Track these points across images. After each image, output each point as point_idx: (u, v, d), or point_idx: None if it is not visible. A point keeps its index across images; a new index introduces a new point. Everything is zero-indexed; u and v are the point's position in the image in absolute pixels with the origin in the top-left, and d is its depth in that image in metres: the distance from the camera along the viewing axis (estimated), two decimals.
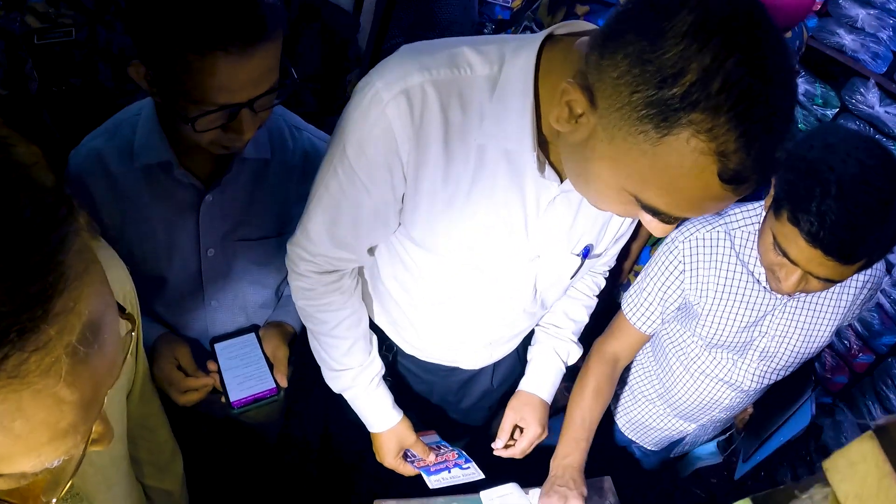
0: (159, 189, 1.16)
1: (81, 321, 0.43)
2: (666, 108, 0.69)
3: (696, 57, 0.67)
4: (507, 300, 1.17)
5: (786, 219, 1.08)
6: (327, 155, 1.01)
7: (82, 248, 0.44)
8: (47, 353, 0.41)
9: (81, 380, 0.45)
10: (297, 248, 1.11)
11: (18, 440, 0.44)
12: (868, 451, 0.40)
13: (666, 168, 0.73)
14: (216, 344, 1.28)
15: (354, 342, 1.22)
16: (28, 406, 0.43)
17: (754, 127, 0.69)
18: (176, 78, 0.94)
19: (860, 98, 2.09)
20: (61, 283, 0.41)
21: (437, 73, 0.90)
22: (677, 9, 0.69)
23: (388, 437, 1.30)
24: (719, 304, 1.34)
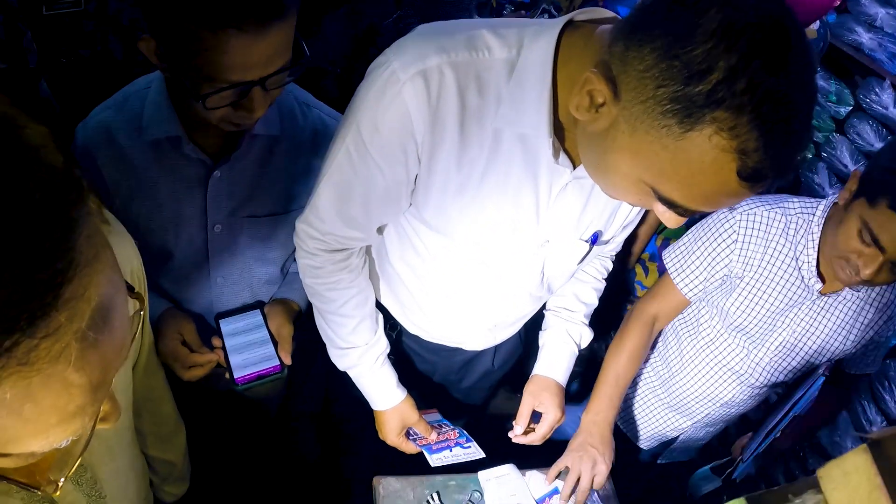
0: (167, 163, 1.17)
1: (91, 307, 0.44)
2: (691, 105, 0.70)
3: (724, 56, 0.68)
4: (514, 284, 1.18)
5: (886, 207, 1.13)
6: (339, 133, 1.01)
7: (93, 232, 0.44)
8: (57, 340, 0.42)
9: (90, 364, 0.45)
10: (306, 226, 1.12)
11: (28, 423, 0.45)
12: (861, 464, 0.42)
13: (687, 163, 0.75)
14: (221, 320, 1.29)
15: (361, 321, 1.23)
16: (37, 391, 0.43)
17: (775, 128, 0.70)
18: (188, 55, 0.94)
19: (875, 98, 2.08)
20: (72, 270, 0.41)
21: (455, 55, 0.90)
22: (706, 6, 0.70)
23: (392, 415, 1.33)
24: (756, 283, 1.37)
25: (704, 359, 1.51)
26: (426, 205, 1.04)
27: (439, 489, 1.35)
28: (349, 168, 1.01)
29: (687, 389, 1.55)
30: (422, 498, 1.33)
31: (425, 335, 1.36)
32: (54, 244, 0.41)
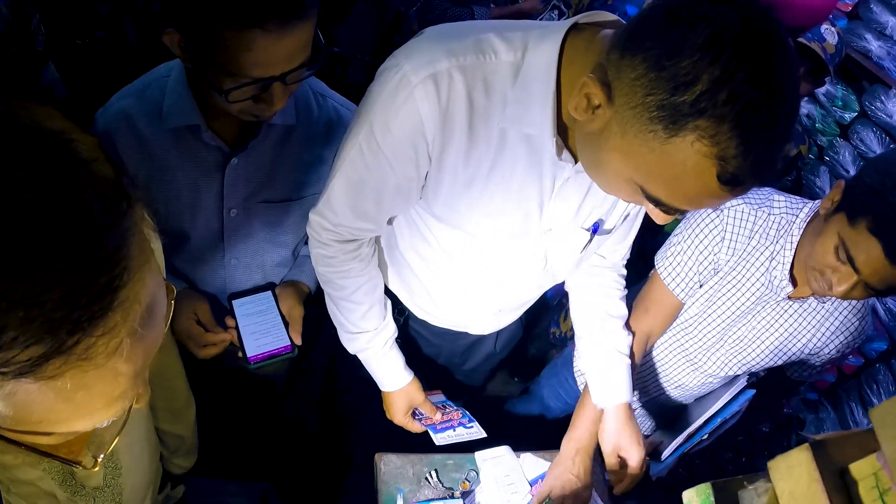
0: (186, 150, 1.23)
1: (142, 307, 0.49)
2: (676, 113, 0.76)
3: (708, 69, 0.74)
4: (519, 270, 1.24)
5: (865, 228, 1.12)
6: (352, 131, 1.07)
7: (142, 239, 0.49)
8: (113, 337, 0.46)
9: (136, 355, 0.50)
10: (319, 218, 1.18)
11: (78, 408, 0.50)
12: (803, 460, 0.49)
13: (671, 165, 0.80)
14: (234, 300, 1.36)
15: (370, 307, 1.30)
16: (91, 380, 0.48)
17: (754, 137, 0.76)
18: (212, 50, 1.00)
19: (880, 105, 2.12)
20: (126, 275, 0.46)
21: (463, 59, 0.95)
22: (695, 22, 0.75)
23: (399, 396, 1.40)
24: (731, 276, 1.40)
25: (666, 340, 1.55)
26: (436, 199, 1.10)
27: (437, 467, 1.43)
28: (362, 165, 1.06)
29: (645, 368, 1.61)
30: (420, 475, 1.41)
31: (432, 320, 1.42)
32: (110, 253, 0.45)
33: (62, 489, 0.91)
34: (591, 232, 1.18)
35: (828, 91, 2.29)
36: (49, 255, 0.42)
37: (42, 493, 0.89)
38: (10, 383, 0.44)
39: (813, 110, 2.41)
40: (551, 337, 2.28)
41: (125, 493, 1.02)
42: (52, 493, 0.90)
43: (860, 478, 0.47)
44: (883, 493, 0.46)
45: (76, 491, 0.93)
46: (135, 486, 1.06)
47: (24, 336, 0.42)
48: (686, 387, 1.60)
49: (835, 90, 2.28)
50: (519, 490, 1.41)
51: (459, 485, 1.42)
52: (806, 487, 0.48)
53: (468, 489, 1.41)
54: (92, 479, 0.94)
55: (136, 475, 1.05)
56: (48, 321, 0.42)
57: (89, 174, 0.46)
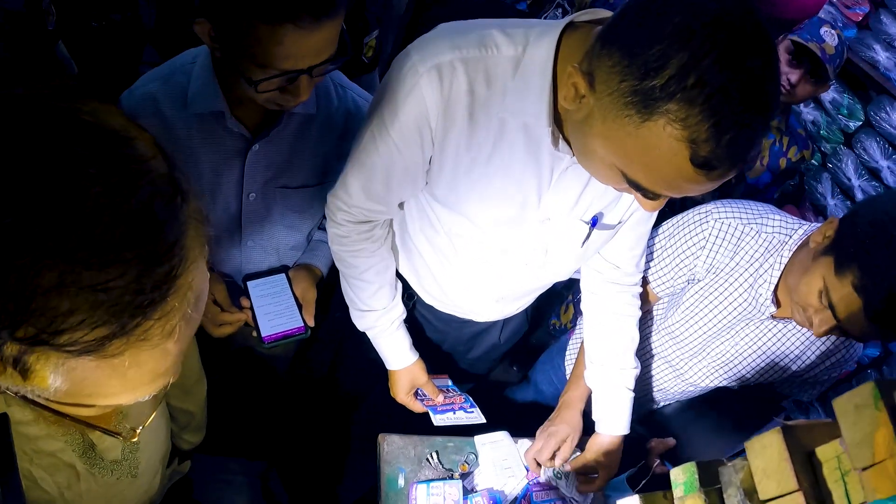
0: (209, 136, 1.29)
1: (194, 293, 0.54)
2: (647, 97, 0.82)
3: (676, 54, 0.79)
4: (518, 259, 1.31)
5: (850, 283, 1.12)
6: (366, 119, 1.17)
7: (195, 232, 0.54)
8: (169, 320, 0.52)
9: (184, 336, 0.56)
10: (335, 200, 1.28)
11: (128, 384, 0.55)
12: (775, 441, 0.56)
13: (646, 149, 0.86)
14: (249, 281, 1.44)
15: (381, 286, 1.39)
16: (144, 359, 0.53)
17: (725, 120, 0.80)
18: (244, 42, 1.06)
19: (884, 116, 2.18)
20: (182, 265, 0.51)
21: (466, 52, 1.04)
22: (667, 12, 0.81)
23: (403, 374, 1.49)
24: (714, 290, 1.43)
25: (651, 345, 1.60)
26: (439, 182, 1.18)
27: (438, 449, 1.51)
28: (373, 149, 1.16)
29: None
30: (422, 456, 1.49)
31: (439, 305, 1.51)
32: (170, 245, 0.50)
33: (82, 461, 0.95)
34: (590, 225, 1.25)
35: (834, 99, 2.35)
36: (116, 246, 0.47)
37: (62, 465, 0.94)
38: (73, 360, 0.49)
39: (818, 117, 2.47)
40: (551, 328, 2.35)
41: (141, 466, 1.07)
42: (73, 464, 0.95)
43: (825, 460, 0.55)
44: (844, 474, 0.53)
45: (95, 463, 0.98)
46: (150, 459, 1.12)
47: (91, 319, 0.47)
48: (667, 391, 1.66)
49: (841, 98, 2.34)
50: (516, 474, 1.49)
51: (459, 466, 1.50)
52: (776, 465, 0.55)
53: (467, 471, 1.50)
54: (111, 453, 0.99)
55: (151, 449, 1.12)
56: (114, 306, 0.47)
57: (148, 171, 0.51)
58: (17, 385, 0.52)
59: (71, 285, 0.46)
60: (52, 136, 0.48)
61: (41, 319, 0.46)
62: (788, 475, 0.54)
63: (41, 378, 0.50)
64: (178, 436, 1.40)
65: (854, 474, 0.52)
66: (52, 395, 0.53)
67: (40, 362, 0.49)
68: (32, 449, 0.88)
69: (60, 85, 0.52)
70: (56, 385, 0.51)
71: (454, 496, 1.40)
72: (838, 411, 0.52)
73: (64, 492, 0.96)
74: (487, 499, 1.42)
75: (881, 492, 0.47)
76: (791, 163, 2.05)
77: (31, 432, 0.86)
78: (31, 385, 0.51)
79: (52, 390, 0.52)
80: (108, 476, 1.01)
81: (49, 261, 0.45)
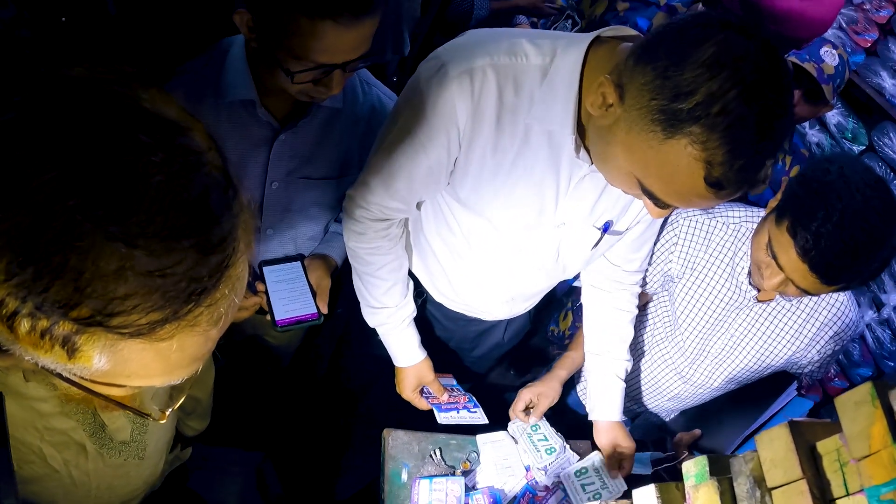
0: (239, 124, 1.37)
1: (242, 283, 0.58)
2: (674, 118, 0.92)
3: (707, 83, 0.90)
4: (532, 260, 1.40)
5: (785, 228, 1.26)
6: (392, 116, 1.25)
7: (245, 224, 0.57)
8: (217, 308, 0.55)
9: (225, 323, 0.59)
10: (356, 196, 1.35)
11: (168, 366, 0.57)
12: (783, 433, 0.66)
13: (665, 163, 0.97)
14: (264, 267, 1.51)
15: (393, 284, 1.47)
16: (189, 343, 0.55)
17: (739, 148, 0.91)
18: (283, 35, 1.14)
19: (888, 142, 2.31)
20: (234, 256, 0.54)
21: (497, 59, 1.14)
22: (702, 41, 0.91)
23: (411, 372, 1.57)
24: (697, 287, 1.56)
25: (653, 356, 1.72)
26: (462, 185, 1.27)
27: (441, 446, 1.60)
28: (398, 148, 1.23)
29: (636, 381, 1.77)
30: (425, 452, 1.58)
31: (449, 304, 1.59)
32: (224, 236, 0.53)
33: (92, 441, 0.99)
34: (602, 231, 1.35)
35: (839, 122, 2.48)
36: (175, 234, 0.50)
37: (72, 443, 0.97)
38: (123, 342, 0.52)
39: (823, 139, 2.60)
40: (549, 334, 2.44)
41: (148, 448, 1.12)
42: (83, 443, 0.98)
43: (825, 453, 0.64)
44: (843, 465, 0.63)
45: (104, 444, 1.02)
46: (157, 443, 1.17)
47: (146, 303, 0.50)
48: (680, 397, 1.75)
49: (846, 122, 2.47)
50: (515, 473, 1.58)
51: (461, 464, 1.59)
52: (783, 456, 0.65)
53: (469, 468, 1.58)
54: (120, 434, 1.04)
55: (159, 433, 1.17)
56: (168, 292, 0.50)
57: (205, 163, 0.54)
58: (59, 363, 0.54)
59: (129, 270, 0.48)
60: (116, 123, 0.51)
61: (97, 301, 0.48)
62: (794, 465, 0.64)
63: (86, 358, 0.53)
64: (184, 422, 1.46)
65: (851, 465, 0.62)
66: (90, 374, 0.55)
67: (89, 343, 0.51)
68: (44, 426, 0.92)
69: (119, 70, 0.55)
70: (99, 365, 0.54)
71: (456, 492, 1.48)
72: (839, 407, 0.61)
73: (71, 470, 1.00)
74: (488, 496, 1.50)
75: (876, 478, 0.57)
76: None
77: (45, 409, 0.90)
78: (75, 364, 0.53)
79: (93, 369, 0.54)
80: (115, 457, 1.05)
81: (110, 245, 0.48)
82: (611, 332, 1.59)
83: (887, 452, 0.57)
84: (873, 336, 2.40)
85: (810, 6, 1.35)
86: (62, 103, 0.51)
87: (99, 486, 1.07)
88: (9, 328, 0.50)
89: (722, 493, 0.71)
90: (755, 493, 0.68)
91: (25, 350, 0.52)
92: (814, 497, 0.62)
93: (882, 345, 2.35)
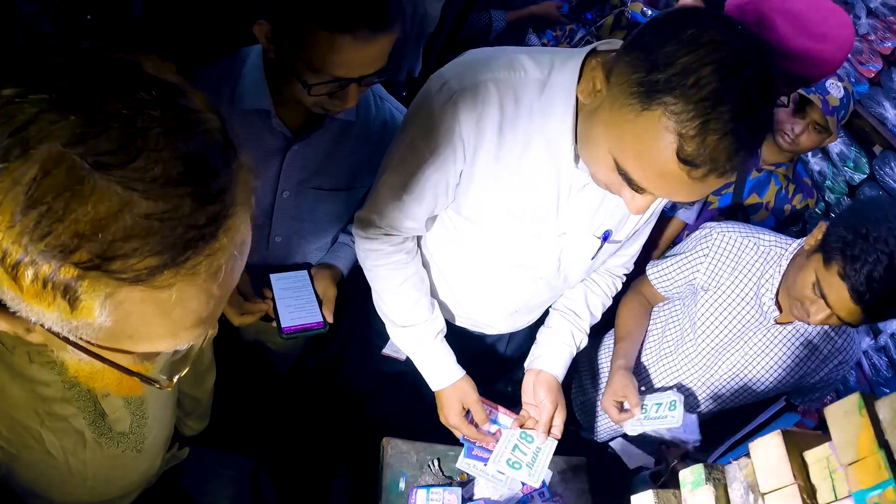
0: (253, 132, 1.42)
1: (241, 237, 0.60)
2: (650, 89, 0.97)
3: (684, 57, 0.94)
4: (534, 271, 1.45)
5: (836, 272, 1.36)
6: (399, 134, 1.31)
7: (244, 183, 0.60)
8: (216, 259, 0.56)
9: (227, 282, 0.60)
10: (368, 215, 1.40)
11: (171, 324, 0.59)
12: (776, 442, 0.71)
13: (641, 137, 1.00)
14: (272, 275, 1.56)
15: (419, 299, 1.49)
16: (189, 298, 0.57)
17: (711, 123, 0.94)
18: (302, 47, 1.20)
19: (889, 171, 2.38)
20: (232, 207, 0.57)
21: (498, 74, 1.21)
22: (686, 25, 0.97)
23: (452, 393, 1.51)
24: (720, 299, 1.64)
25: (660, 367, 1.78)
26: (466, 197, 1.32)
27: (440, 456, 1.63)
28: (408, 166, 1.29)
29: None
30: (423, 462, 1.61)
31: (454, 319, 1.63)
32: (221, 189, 0.56)
33: (91, 429, 1.02)
34: (602, 240, 1.40)
35: (841, 151, 2.55)
36: (173, 182, 0.53)
37: (72, 430, 0.99)
38: (123, 290, 0.53)
39: (825, 168, 2.67)
40: None
41: (146, 442, 1.15)
42: (82, 431, 1.01)
43: (815, 461, 0.69)
44: (832, 472, 0.67)
45: (103, 433, 1.04)
46: (156, 437, 1.20)
47: (144, 247, 0.52)
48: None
49: (848, 151, 2.54)
50: (512, 486, 1.61)
51: (458, 475, 1.62)
52: (776, 462, 0.70)
53: (466, 479, 1.62)
54: (120, 424, 1.06)
55: (158, 427, 1.19)
56: (167, 237, 0.52)
57: (204, 121, 0.57)
58: (64, 318, 0.55)
59: (127, 213, 0.51)
60: (118, 81, 0.54)
61: (96, 245, 0.51)
62: (786, 471, 0.68)
63: (88, 309, 0.54)
64: (183, 421, 1.49)
65: (840, 472, 0.66)
66: (94, 334, 0.57)
67: (90, 291, 0.53)
68: (45, 410, 0.94)
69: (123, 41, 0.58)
70: (101, 320, 0.55)
71: (452, 503, 1.51)
72: (829, 417, 0.66)
73: (69, 458, 1.03)
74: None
75: (863, 483, 0.62)
76: (795, 209, 2.22)
77: (47, 393, 0.92)
78: (78, 318, 0.55)
79: (96, 326, 0.56)
80: (113, 447, 1.08)
81: (108, 189, 0.50)
82: (581, 295, 1.62)
83: (873, 459, 0.62)
84: (870, 363, 2.45)
85: (825, 48, 1.42)
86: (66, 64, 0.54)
87: (95, 476, 1.10)
88: (13, 279, 0.52)
89: (717, 497, 0.75)
90: (748, 498, 0.73)
91: (30, 307, 0.54)
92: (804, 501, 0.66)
93: (878, 371, 2.40)
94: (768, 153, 2.16)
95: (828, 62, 1.47)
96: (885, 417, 0.64)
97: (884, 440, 0.63)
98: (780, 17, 1.40)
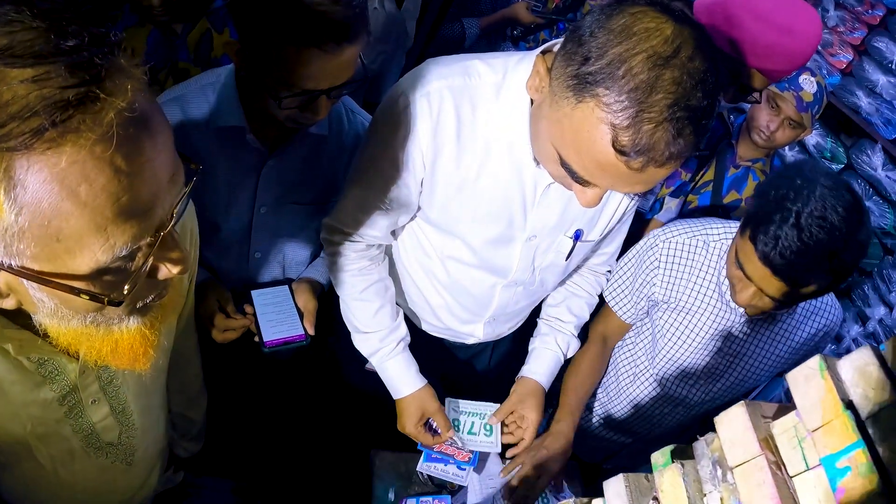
0: (229, 149, 1.45)
1: (127, 99, 0.60)
2: (583, 81, 0.97)
3: (615, 47, 0.95)
4: (509, 278, 1.46)
5: (747, 237, 1.31)
6: (361, 146, 1.34)
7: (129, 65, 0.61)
8: (101, 116, 0.57)
9: (134, 158, 0.61)
10: (332, 223, 1.44)
11: (86, 208, 0.59)
12: (740, 413, 0.71)
13: (578, 130, 1.00)
14: (253, 291, 1.57)
15: (381, 306, 1.51)
16: (90, 171, 0.58)
17: (646, 112, 0.92)
18: (271, 63, 1.23)
19: (865, 159, 2.40)
20: (111, 68, 0.59)
21: (452, 80, 1.24)
22: (618, 16, 0.97)
23: (412, 402, 1.53)
24: (685, 309, 1.59)
25: (640, 388, 1.72)
26: (431, 205, 1.35)
27: None
28: (369, 177, 1.33)
29: (627, 414, 1.78)
30: (413, 472, 1.61)
31: (431, 329, 1.64)
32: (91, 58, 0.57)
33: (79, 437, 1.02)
34: (573, 239, 1.41)
35: (818, 143, 2.58)
36: (44, 55, 0.56)
37: (59, 437, 1.00)
38: (17, 164, 0.55)
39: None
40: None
41: (137, 454, 1.15)
42: (68, 438, 1.02)
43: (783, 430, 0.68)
44: (801, 441, 0.67)
45: (91, 443, 1.05)
46: (146, 450, 1.20)
47: (23, 111, 0.54)
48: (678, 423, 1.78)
49: (825, 142, 2.57)
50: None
51: (448, 484, 1.61)
52: (741, 434, 0.69)
53: (455, 488, 1.60)
54: (108, 434, 1.07)
55: (148, 439, 1.19)
56: (44, 98, 0.55)
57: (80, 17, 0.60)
58: None
59: (3, 85, 0.54)
60: None
61: None
62: (752, 442, 0.68)
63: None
64: (177, 442, 1.51)
65: (808, 440, 0.66)
66: (26, 250, 0.60)
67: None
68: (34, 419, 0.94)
69: None
70: (17, 219, 0.57)
71: None
72: (791, 383, 0.66)
73: (58, 468, 1.04)
74: None
75: (831, 447, 0.62)
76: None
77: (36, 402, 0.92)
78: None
79: (17, 230, 0.58)
80: (102, 458, 1.08)
81: None
82: (563, 300, 1.62)
83: (839, 421, 0.62)
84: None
85: (791, 41, 1.44)
86: None
87: (85, 488, 1.11)
88: None
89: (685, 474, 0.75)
90: (717, 472, 0.73)
91: None
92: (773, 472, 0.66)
93: None
94: (745, 150, 2.19)
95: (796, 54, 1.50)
96: (848, 377, 0.64)
97: (848, 401, 0.62)
98: (748, 14, 1.42)
